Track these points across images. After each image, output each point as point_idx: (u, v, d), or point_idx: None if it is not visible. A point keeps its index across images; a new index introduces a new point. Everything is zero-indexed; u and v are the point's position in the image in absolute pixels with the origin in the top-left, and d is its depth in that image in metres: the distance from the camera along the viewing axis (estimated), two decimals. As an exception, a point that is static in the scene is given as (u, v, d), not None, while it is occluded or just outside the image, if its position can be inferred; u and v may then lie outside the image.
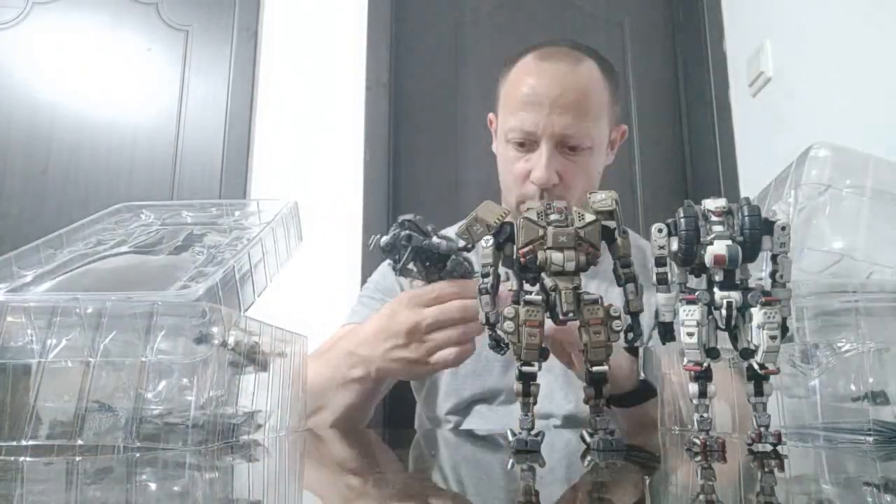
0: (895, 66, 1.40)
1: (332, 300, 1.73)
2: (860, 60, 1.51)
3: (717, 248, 0.49)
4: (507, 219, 0.55)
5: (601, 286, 1.02)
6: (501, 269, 0.55)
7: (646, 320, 0.60)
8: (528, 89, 1.04)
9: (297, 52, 2.20)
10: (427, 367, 0.77)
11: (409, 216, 0.72)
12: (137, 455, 0.49)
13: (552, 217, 0.53)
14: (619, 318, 0.52)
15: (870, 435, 0.55)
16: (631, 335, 0.54)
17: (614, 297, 0.56)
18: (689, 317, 0.50)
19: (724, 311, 0.50)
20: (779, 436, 0.49)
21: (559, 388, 1.05)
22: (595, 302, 0.52)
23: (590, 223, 0.53)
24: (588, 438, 0.54)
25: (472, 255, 0.74)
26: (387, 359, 0.78)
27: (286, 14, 2.23)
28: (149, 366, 0.53)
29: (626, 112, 2.30)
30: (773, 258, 0.51)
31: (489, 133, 1.28)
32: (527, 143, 1.05)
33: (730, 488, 0.40)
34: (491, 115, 1.23)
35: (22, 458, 0.48)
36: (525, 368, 0.52)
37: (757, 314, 0.49)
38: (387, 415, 1.44)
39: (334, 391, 0.85)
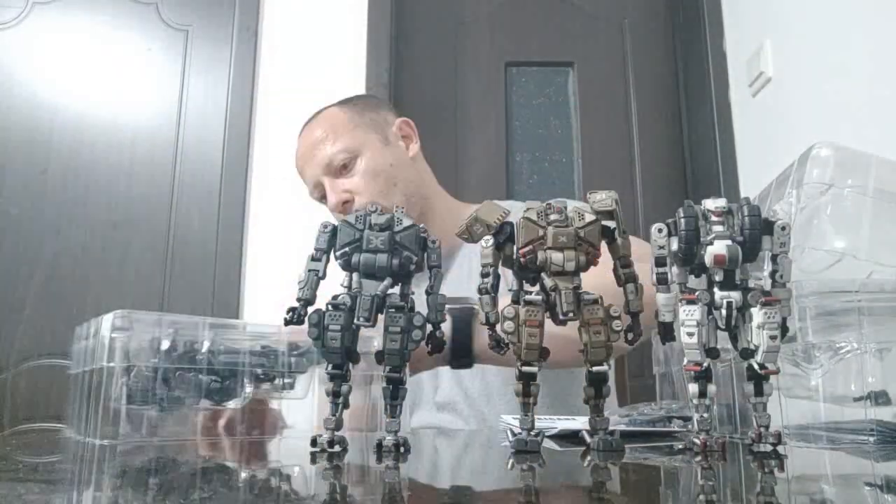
0: (895, 66, 1.40)
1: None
2: (860, 60, 1.51)
3: (717, 248, 0.49)
4: (507, 219, 0.55)
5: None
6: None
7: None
8: (297, 159, 1.23)
9: (297, 52, 2.20)
10: None
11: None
12: None
13: (552, 217, 0.53)
14: (619, 318, 0.52)
15: (872, 435, 0.55)
16: (631, 335, 0.54)
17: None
18: (689, 317, 0.50)
19: (724, 311, 0.50)
20: (779, 436, 0.49)
21: (497, 391, 1.08)
22: (595, 302, 0.52)
23: (590, 223, 0.53)
24: (588, 438, 0.54)
25: None
26: None
27: (286, 14, 2.23)
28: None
29: (626, 112, 2.30)
30: (773, 258, 0.51)
31: (489, 132, 1.31)
32: (325, 191, 1.17)
33: (730, 488, 0.40)
34: None
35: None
36: (525, 368, 0.51)
37: (757, 314, 0.49)
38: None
39: None
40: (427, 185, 1.24)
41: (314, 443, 0.52)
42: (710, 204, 0.51)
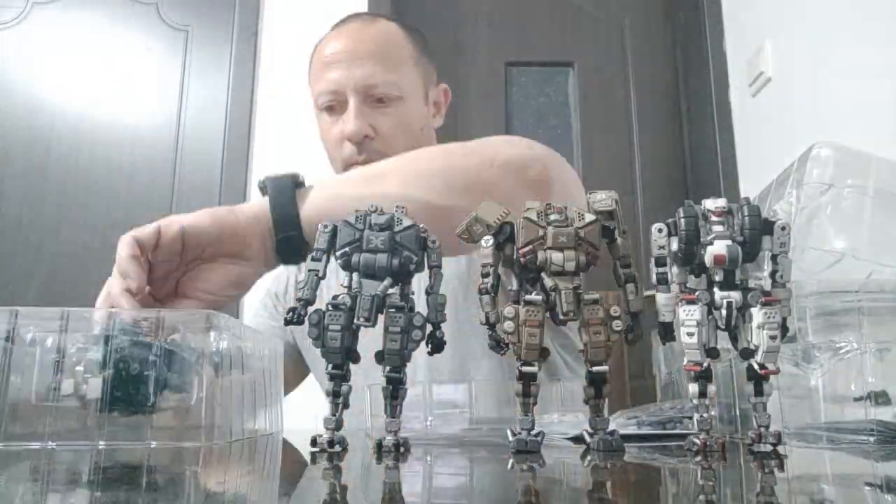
0: (895, 66, 1.40)
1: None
2: (860, 60, 1.51)
3: (717, 248, 0.49)
4: (507, 219, 0.55)
5: None
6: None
7: None
8: (328, 51, 1.05)
9: (297, 53, 2.19)
10: None
11: None
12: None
13: (552, 217, 0.53)
14: (619, 318, 0.52)
15: (872, 435, 0.55)
16: (631, 335, 0.54)
17: None
18: (689, 317, 0.50)
19: (724, 311, 0.50)
20: (779, 436, 0.49)
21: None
22: (595, 302, 0.52)
23: (590, 223, 0.53)
24: (588, 438, 0.54)
25: None
26: None
27: (286, 14, 2.23)
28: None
29: (626, 112, 2.30)
30: (774, 258, 0.51)
31: (489, 132, 1.28)
32: (337, 106, 1.04)
33: (730, 488, 0.40)
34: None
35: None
36: (525, 368, 0.51)
37: (757, 314, 0.49)
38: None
39: None
40: None
41: (314, 443, 0.52)
42: (710, 204, 0.51)
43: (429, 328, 0.53)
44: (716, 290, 0.50)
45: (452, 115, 2.23)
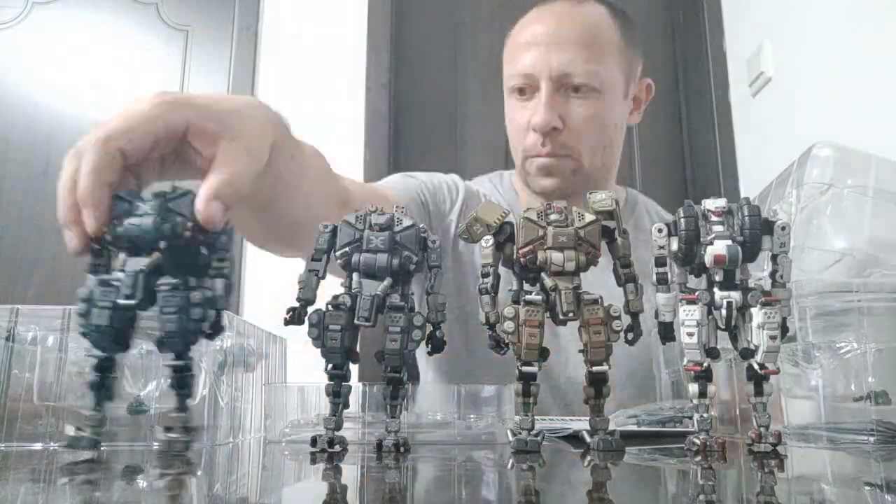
0: (895, 66, 1.40)
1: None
2: (860, 60, 1.51)
3: (717, 248, 0.49)
4: (508, 218, 0.55)
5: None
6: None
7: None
8: (527, 33, 0.99)
9: (297, 52, 2.20)
10: None
11: None
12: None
13: (552, 217, 0.53)
14: (619, 318, 0.52)
15: (872, 435, 0.55)
16: (631, 335, 0.54)
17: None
18: (689, 317, 0.50)
19: (724, 311, 0.50)
20: (779, 436, 0.49)
21: None
22: (595, 302, 0.52)
23: (590, 223, 0.53)
24: (588, 438, 0.54)
25: None
26: None
27: (286, 14, 2.23)
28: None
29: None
30: (774, 258, 0.51)
31: (489, 131, 1.26)
32: (527, 90, 0.98)
33: (730, 488, 0.40)
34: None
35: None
36: (525, 368, 0.51)
37: (757, 314, 0.49)
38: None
39: None
40: (616, 160, 1.08)
41: (314, 443, 0.52)
42: (710, 204, 0.51)
43: (429, 328, 0.53)
44: (716, 290, 0.50)
45: (452, 115, 2.24)
